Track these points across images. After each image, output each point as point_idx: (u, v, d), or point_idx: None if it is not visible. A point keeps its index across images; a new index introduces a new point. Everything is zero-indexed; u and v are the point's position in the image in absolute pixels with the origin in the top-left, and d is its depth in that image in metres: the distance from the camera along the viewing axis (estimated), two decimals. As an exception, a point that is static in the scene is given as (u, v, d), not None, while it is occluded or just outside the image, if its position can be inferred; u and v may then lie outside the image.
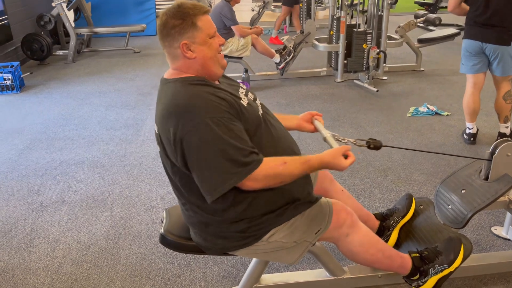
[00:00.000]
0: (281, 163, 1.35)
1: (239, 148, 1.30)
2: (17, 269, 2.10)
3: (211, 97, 1.34)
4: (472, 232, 2.27)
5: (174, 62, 1.42)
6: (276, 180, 1.36)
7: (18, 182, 2.93)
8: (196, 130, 1.28)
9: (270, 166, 1.34)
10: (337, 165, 1.41)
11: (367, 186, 2.75)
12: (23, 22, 6.26)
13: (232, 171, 1.29)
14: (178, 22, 1.36)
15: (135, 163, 3.15)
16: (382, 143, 1.58)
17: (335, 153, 1.42)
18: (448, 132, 3.54)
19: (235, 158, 1.29)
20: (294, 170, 1.37)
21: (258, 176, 1.32)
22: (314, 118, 1.73)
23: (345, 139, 1.58)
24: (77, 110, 4.29)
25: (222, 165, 1.29)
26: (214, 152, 1.28)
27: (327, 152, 1.43)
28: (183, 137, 1.30)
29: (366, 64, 4.71)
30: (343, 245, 1.59)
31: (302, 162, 1.39)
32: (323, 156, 1.41)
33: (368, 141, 1.58)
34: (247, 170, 1.30)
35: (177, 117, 1.31)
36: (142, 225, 2.41)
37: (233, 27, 4.58)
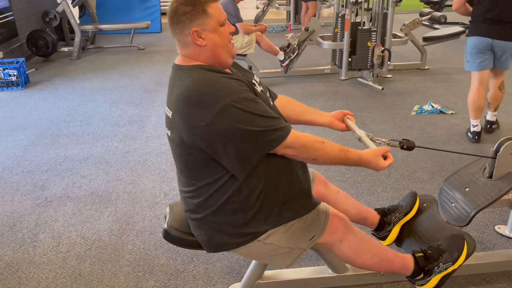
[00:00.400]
0: (320, 141, 1.39)
1: (269, 118, 1.33)
2: (22, 263, 2.12)
3: (229, 80, 1.36)
4: (476, 231, 2.26)
5: (184, 49, 1.42)
6: (310, 154, 1.39)
7: (23, 177, 2.95)
8: (223, 112, 1.28)
9: (309, 139, 1.37)
10: (376, 165, 1.44)
11: (370, 184, 2.74)
12: (28, 19, 6.29)
13: (268, 139, 1.32)
14: (189, 9, 1.36)
15: (139, 160, 3.16)
16: (415, 144, 1.57)
17: (376, 153, 1.44)
18: (452, 131, 3.53)
19: (268, 127, 1.32)
20: (330, 152, 1.40)
21: (295, 144, 1.35)
22: (346, 117, 1.74)
23: (379, 139, 1.59)
24: (81, 107, 4.31)
25: (257, 136, 1.32)
26: (247, 129, 1.30)
27: (368, 150, 1.45)
28: (211, 121, 1.29)
29: (370, 62, 4.69)
30: (338, 250, 1.60)
31: (340, 148, 1.41)
32: (363, 154, 1.43)
33: (401, 141, 1.58)
34: (283, 135, 1.33)
35: (201, 103, 1.30)
36: (146, 221, 2.42)
37: (238, 24, 4.58)
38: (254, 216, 1.44)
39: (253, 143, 1.33)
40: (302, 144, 1.37)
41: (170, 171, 2.95)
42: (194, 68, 1.39)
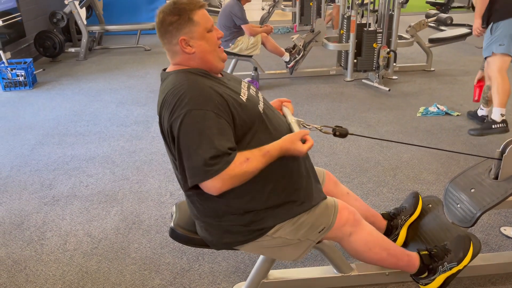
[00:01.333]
0: (244, 160, 1.33)
1: (213, 147, 1.29)
2: (29, 261, 2.14)
3: (207, 89, 1.36)
4: (481, 232, 2.26)
5: (174, 58, 1.45)
6: (241, 179, 1.34)
7: (30, 176, 2.98)
8: (182, 118, 1.31)
9: (236, 165, 1.31)
10: (295, 150, 1.41)
11: (375, 185, 2.75)
12: (36, 20, 6.34)
13: (202, 168, 1.29)
14: (175, 19, 1.38)
15: (145, 159, 3.18)
16: (348, 131, 1.57)
17: (293, 139, 1.42)
18: (458, 132, 3.52)
19: (208, 155, 1.28)
20: (257, 165, 1.36)
21: (224, 176, 1.30)
22: (283, 105, 1.73)
23: (310, 125, 1.59)
24: (88, 107, 4.34)
25: (196, 159, 1.30)
26: (192, 144, 1.30)
27: (285, 138, 1.43)
28: (172, 123, 1.34)
29: (376, 63, 4.69)
30: (346, 244, 1.60)
31: (263, 154, 1.37)
32: (282, 143, 1.41)
33: (334, 128, 1.58)
34: (215, 169, 1.29)
35: (172, 104, 1.34)
36: (152, 220, 2.44)
37: (243, 26, 4.59)
38: (260, 214, 1.45)
39: (192, 161, 1.31)
40: (231, 175, 1.31)
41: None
42: (180, 71, 1.42)
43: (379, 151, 3.19)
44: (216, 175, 1.29)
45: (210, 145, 1.29)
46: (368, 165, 3.00)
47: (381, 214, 1.98)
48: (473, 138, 3.39)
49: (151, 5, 8.16)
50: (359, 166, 2.98)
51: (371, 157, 3.11)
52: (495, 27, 3.22)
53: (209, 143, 1.29)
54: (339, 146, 3.28)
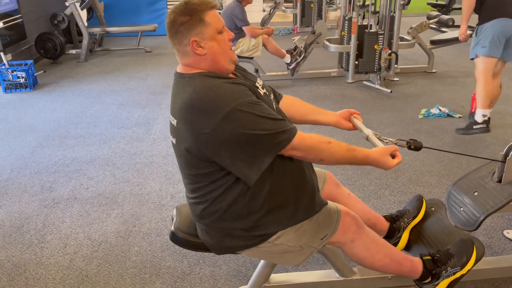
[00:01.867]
0: (326, 141, 1.38)
1: (274, 121, 1.32)
2: (29, 264, 2.13)
3: (232, 86, 1.36)
4: (484, 235, 2.24)
5: (184, 59, 1.43)
6: (317, 155, 1.38)
7: (30, 178, 2.97)
8: (227, 119, 1.28)
9: (315, 140, 1.37)
10: (384, 163, 1.43)
11: (377, 187, 2.73)
12: (37, 21, 6.34)
13: (274, 142, 1.32)
14: (186, 19, 1.37)
15: (146, 162, 3.17)
16: (423, 144, 1.56)
17: (384, 152, 1.43)
18: (460, 134, 3.50)
19: (274, 130, 1.31)
20: (336, 152, 1.39)
21: (301, 146, 1.35)
22: (353, 116, 1.73)
23: (387, 138, 1.58)
24: (89, 109, 4.33)
25: (263, 140, 1.31)
26: (251, 133, 1.29)
27: (375, 149, 1.44)
28: (215, 128, 1.29)
29: (377, 65, 4.68)
30: (348, 250, 1.58)
31: (347, 148, 1.41)
32: (371, 152, 1.43)
33: (408, 141, 1.57)
34: (288, 137, 1.33)
35: (204, 110, 1.30)
36: (152, 223, 2.43)
37: (244, 27, 4.59)
38: (263, 219, 1.44)
39: (259, 147, 1.32)
40: (308, 146, 1.37)
41: (176, 173, 2.96)
42: (196, 76, 1.39)
43: (380, 153, 3.17)
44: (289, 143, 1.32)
45: (272, 123, 1.32)
46: (370, 167, 2.97)
47: (384, 216, 1.96)
48: (476, 140, 3.38)
49: (151, 7, 8.17)
50: (360, 168, 2.97)
51: (372, 159, 3.09)
52: (480, 29, 3.28)
53: (269, 122, 1.31)
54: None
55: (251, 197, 1.41)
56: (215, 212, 1.45)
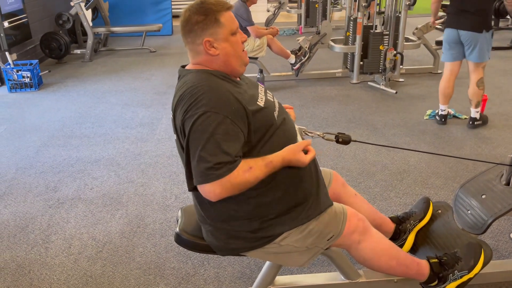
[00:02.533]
0: (247, 169, 1.31)
1: (220, 152, 1.27)
2: (34, 264, 2.13)
3: (226, 93, 1.34)
4: (491, 238, 2.22)
5: (196, 58, 1.42)
6: (242, 188, 1.32)
7: (35, 178, 2.97)
8: (194, 118, 1.29)
9: (239, 173, 1.29)
10: (297, 161, 1.39)
11: (383, 189, 2.71)
12: (42, 21, 6.36)
13: (204, 171, 1.27)
14: (201, 18, 1.36)
15: (150, 162, 3.17)
16: (351, 138, 1.55)
17: (295, 150, 1.40)
18: (466, 135, 3.48)
19: (211, 159, 1.26)
20: (259, 174, 1.34)
21: (225, 183, 1.27)
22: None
23: (313, 132, 1.58)
24: (93, 108, 4.33)
25: (201, 160, 1.27)
26: (200, 145, 1.28)
27: (287, 149, 1.40)
28: (186, 120, 1.31)
29: (382, 65, 4.66)
30: (355, 251, 1.57)
31: (265, 164, 1.35)
32: (284, 154, 1.39)
33: (337, 135, 1.56)
34: (215, 175, 1.26)
35: (190, 101, 1.31)
36: (157, 223, 2.42)
37: (249, 27, 4.58)
38: (268, 221, 1.43)
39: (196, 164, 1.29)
40: (233, 183, 1.29)
41: (181, 174, 2.95)
42: (201, 71, 1.39)
43: (386, 155, 3.16)
44: (217, 179, 1.27)
45: (217, 150, 1.27)
46: (375, 169, 2.97)
47: (390, 218, 1.95)
48: (482, 142, 3.36)
49: (156, 7, 8.18)
50: (365, 170, 2.95)
51: (378, 160, 3.07)
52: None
53: (216, 148, 1.27)
54: (346, 149, 3.24)
55: (256, 200, 1.40)
56: (220, 214, 1.44)
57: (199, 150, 1.28)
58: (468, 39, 3.28)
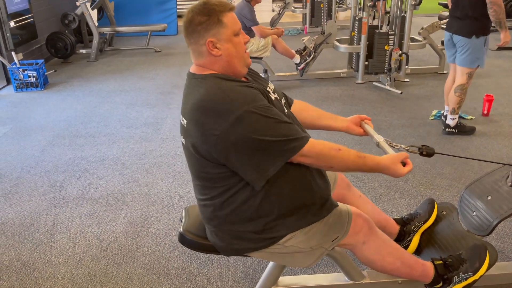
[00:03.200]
0: (336, 148, 1.37)
1: (284, 127, 1.32)
2: (38, 263, 2.14)
3: (244, 89, 1.35)
4: (496, 240, 2.21)
5: (199, 59, 1.42)
6: (326, 162, 1.38)
7: (41, 177, 2.99)
8: (238, 122, 1.27)
9: (325, 146, 1.36)
10: (394, 171, 1.42)
11: (387, 190, 2.70)
12: (48, 21, 6.40)
13: (284, 148, 1.31)
14: (204, 19, 1.36)
15: (155, 161, 3.17)
16: (435, 150, 1.54)
17: (395, 159, 1.42)
18: (471, 136, 3.45)
19: (284, 136, 1.30)
20: (346, 159, 1.38)
21: (311, 153, 1.34)
22: (364, 122, 1.71)
23: (398, 145, 1.57)
24: (98, 108, 4.35)
25: (273, 146, 1.30)
26: (261, 139, 1.28)
27: (386, 156, 1.43)
28: (226, 131, 1.28)
29: (388, 66, 4.64)
30: (359, 252, 1.56)
31: (357, 155, 1.40)
32: (382, 160, 1.42)
33: (420, 147, 1.55)
34: (299, 145, 1.32)
35: (215, 112, 1.30)
36: (161, 223, 2.43)
37: (254, 27, 4.58)
38: (272, 222, 1.43)
39: (268, 153, 1.31)
40: (318, 153, 1.35)
41: (185, 174, 2.96)
42: (208, 77, 1.39)
43: (391, 155, 3.14)
44: (301, 149, 1.31)
45: (283, 127, 1.31)
46: (380, 169, 2.96)
47: (394, 219, 1.94)
48: (488, 143, 3.34)
49: (161, 7, 8.20)
50: (370, 171, 2.94)
51: (382, 161, 3.06)
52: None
53: (281, 127, 1.31)
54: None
55: (261, 200, 1.40)
56: (225, 215, 1.44)
57: (271, 135, 1.29)
58: (459, 43, 3.26)
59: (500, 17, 3.02)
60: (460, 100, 3.36)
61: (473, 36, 3.16)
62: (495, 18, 3.03)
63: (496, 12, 3.00)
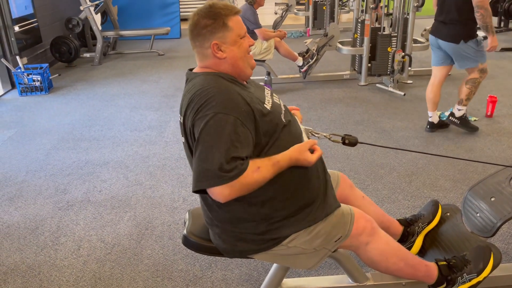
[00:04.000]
0: (255, 169, 1.31)
1: (232, 153, 1.27)
2: (43, 266, 2.15)
3: (236, 95, 1.35)
4: (500, 241, 2.20)
5: (203, 61, 1.43)
6: (251, 189, 1.33)
7: (45, 181, 3.01)
8: (206, 119, 1.29)
9: (248, 174, 1.30)
10: (304, 160, 1.40)
11: (391, 192, 2.70)
12: (52, 25, 6.44)
13: (215, 173, 1.26)
14: (210, 22, 1.37)
15: (158, 164, 3.19)
16: (358, 140, 1.55)
17: (301, 149, 1.40)
18: (475, 138, 3.45)
19: (224, 162, 1.26)
20: (266, 174, 1.34)
21: (236, 184, 1.28)
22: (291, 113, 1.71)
23: (319, 133, 1.59)
24: (102, 111, 4.37)
25: (211, 162, 1.27)
26: (211, 147, 1.28)
27: (294, 148, 1.41)
28: (195, 121, 1.32)
29: (390, 67, 4.64)
30: (363, 253, 1.56)
31: (272, 164, 1.36)
32: (291, 153, 1.39)
33: (343, 136, 1.56)
34: (229, 176, 1.26)
35: (197, 104, 1.32)
36: (165, 226, 2.44)
37: (256, 30, 4.59)
38: (276, 223, 1.43)
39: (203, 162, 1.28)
40: (242, 183, 1.29)
41: (189, 176, 2.97)
42: (210, 74, 1.40)
43: (394, 157, 3.14)
44: (229, 182, 1.27)
45: (229, 151, 1.27)
46: (383, 171, 2.96)
47: (398, 220, 1.94)
48: (492, 144, 3.33)
49: (164, 11, 8.23)
50: (373, 172, 2.94)
51: (386, 163, 3.06)
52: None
53: (228, 149, 1.27)
54: (353, 151, 3.24)
55: (262, 203, 1.40)
56: (228, 217, 1.44)
57: (210, 151, 1.28)
58: (448, 49, 3.22)
59: (487, 21, 2.96)
60: (470, 92, 3.33)
61: (461, 41, 3.12)
62: (482, 22, 2.98)
63: (483, 16, 2.95)
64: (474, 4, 2.96)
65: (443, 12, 3.19)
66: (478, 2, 2.93)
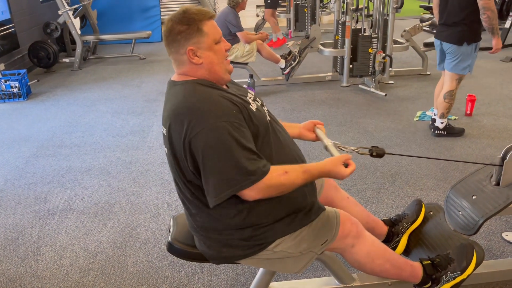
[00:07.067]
0: (282, 173, 1.33)
1: (247, 157, 1.29)
2: (24, 277, 2.09)
3: (222, 100, 1.34)
4: (483, 238, 2.23)
5: (180, 67, 1.42)
6: (277, 190, 1.35)
7: (25, 189, 2.94)
8: (205, 133, 1.28)
9: (273, 176, 1.32)
10: (337, 173, 1.41)
11: (375, 192, 2.72)
12: (29, 30, 6.32)
13: (237, 178, 1.28)
14: (184, 28, 1.36)
15: (142, 170, 3.14)
16: (385, 151, 1.56)
17: (336, 162, 1.42)
18: (456, 136, 3.50)
19: (242, 165, 1.28)
20: (295, 180, 1.36)
21: (260, 186, 1.30)
22: (316, 127, 1.72)
23: (347, 147, 1.58)
24: (83, 117, 4.30)
25: (228, 170, 1.28)
26: (221, 157, 1.27)
27: (328, 160, 1.42)
28: (192, 139, 1.29)
29: (372, 68, 4.69)
30: (349, 255, 1.57)
31: (303, 171, 1.37)
32: (324, 165, 1.41)
33: (370, 149, 1.56)
34: (252, 179, 1.29)
35: (188, 119, 1.30)
36: (149, 232, 2.40)
37: (238, 33, 4.59)
38: (261, 228, 1.42)
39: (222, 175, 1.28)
40: (268, 184, 1.31)
41: (172, 182, 2.92)
42: (189, 82, 1.39)
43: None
44: (254, 184, 1.29)
45: (243, 156, 1.28)
46: (367, 171, 2.98)
47: (382, 220, 1.95)
48: (472, 142, 3.39)
49: (145, 14, 8.16)
50: (357, 173, 2.96)
51: (369, 163, 3.08)
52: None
53: (241, 155, 1.28)
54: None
55: (248, 209, 1.39)
56: (212, 224, 1.43)
57: (226, 162, 1.27)
58: (448, 50, 3.23)
59: (493, 23, 2.98)
60: (449, 105, 3.36)
61: (464, 43, 3.13)
62: (488, 24, 2.99)
63: (490, 18, 2.96)
64: (480, 6, 2.96)
65: (445, 14, 3.20)
66: (484, 4, 2.94)
